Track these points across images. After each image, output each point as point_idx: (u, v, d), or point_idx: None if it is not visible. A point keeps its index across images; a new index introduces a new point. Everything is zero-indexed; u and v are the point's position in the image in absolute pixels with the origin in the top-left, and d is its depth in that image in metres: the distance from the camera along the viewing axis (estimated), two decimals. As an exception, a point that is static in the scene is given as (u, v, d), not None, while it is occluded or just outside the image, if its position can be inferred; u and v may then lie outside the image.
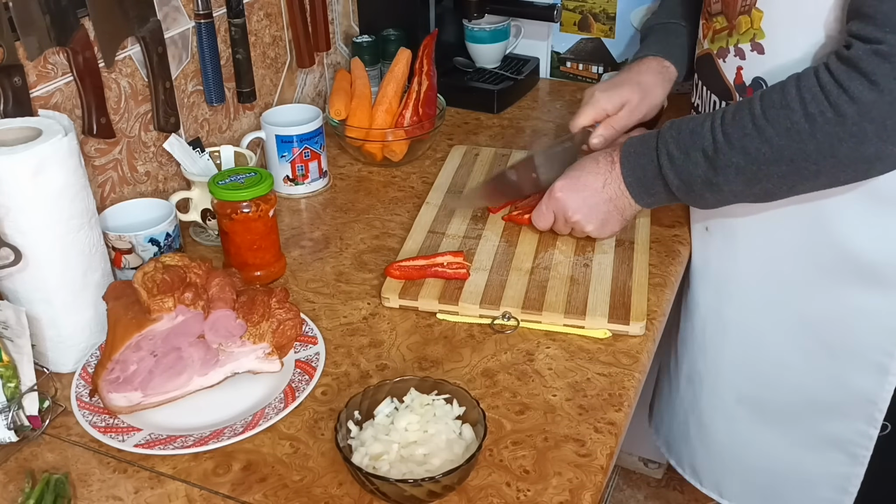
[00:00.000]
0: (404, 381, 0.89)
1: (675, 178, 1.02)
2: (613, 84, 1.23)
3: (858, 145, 0.88)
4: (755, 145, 0.93)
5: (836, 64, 0.88)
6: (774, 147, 0.92)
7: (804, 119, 0.90)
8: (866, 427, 1.10)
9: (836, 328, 1.08)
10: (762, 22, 0.99)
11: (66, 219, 0.92)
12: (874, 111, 0.86)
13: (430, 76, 1.43)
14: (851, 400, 1.09)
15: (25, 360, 0.92)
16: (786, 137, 0.91)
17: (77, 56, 1.07)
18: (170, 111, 1.24)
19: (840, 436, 1.12)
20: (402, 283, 1.10)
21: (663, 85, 1.24)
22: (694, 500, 2.01)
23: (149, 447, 0.88)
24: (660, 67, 1.23)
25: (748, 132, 0.94)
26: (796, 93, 0.90)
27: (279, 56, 1.49)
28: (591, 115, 1.21)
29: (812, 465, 1.16)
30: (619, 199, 1.10)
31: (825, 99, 0.88)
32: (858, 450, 1.11)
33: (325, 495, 0.83)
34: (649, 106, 1.23)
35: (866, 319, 1.05)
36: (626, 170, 1.07)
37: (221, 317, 0.93)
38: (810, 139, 0.90)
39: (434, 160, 1.45)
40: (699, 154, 0.98)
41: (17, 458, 0.89)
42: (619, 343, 1.02)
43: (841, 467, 1.14)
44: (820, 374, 1.11)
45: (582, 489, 0.83)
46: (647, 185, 1.06)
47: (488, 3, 1.60)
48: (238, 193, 1.08)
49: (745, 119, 0.94)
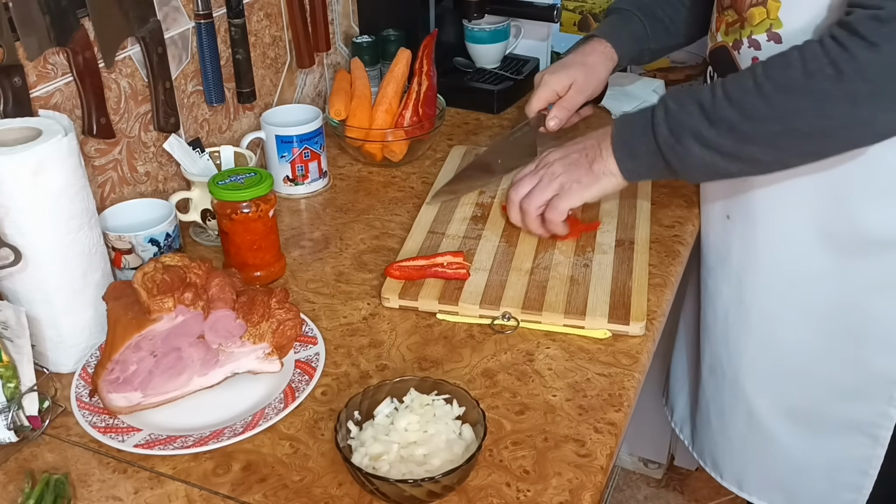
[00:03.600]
0: (404, 382, 0.89)
1: (665, 127, 1.01)
2: (560, 66, 1.30)
3: (852, 107, 0.90)
4: (751, 101, 0.95)
5: (838, 30, 0.90)
6: (770, 103, 0.94)
7: (802, 75, 0.91)
8: (887, 407, 1.11)
9: (856, 311, 1.09)
10: (779, 12, 1.01)
11: (66, 219, 0.92)
12: (871, 71, 0.88)
13: (429, 76, 1.43)
14: (872, 381, 1.11)
15: (25, 360, 0.92)
16: (782, 93, 0.93)
17: (77, 56, 1.07)
18: (170, 111, 1.24)
19: (861, 418, 1.13)
20: (402, 283, 1.10)
21: (605, 64, 1.30)
22: (694, 500, 2.01)
23: (149, 447, 0.88)
24: (603, 48, 1.30)
25: (747, 89, 0.96)
26: (798, 54, 0.93)
27: (279, 56, 1.49)
28: (544, 98, 1.29)
29: (833, 450, 1.17)
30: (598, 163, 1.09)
31: (825, 56, 0.90)
32: (879, 431, 1.13)
33: (325, 495, 0.83)
34: (595, 83, 1.30)
35: (886, 300, 1.06)
36: (616, 130, 1.08)
37: (221, 317, 0.93)
38: (806, 95, 0.91)
39: (434, 160, 1.45)
40: (695, 106, 0.99)
41: (17, 459, 0.89)
42: (619, 343, 1.02)
43: (862, 449, 1.15)
44: (841, 357, 1.12)
45: (582, 489, 0.83)
46: (634, 144, 1.06)
47: (488, 3, 1.60)
48: (238, 194, 1.08)
49: (746, 79, 0.96)
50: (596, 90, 1.31)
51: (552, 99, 1.29)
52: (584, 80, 1.28)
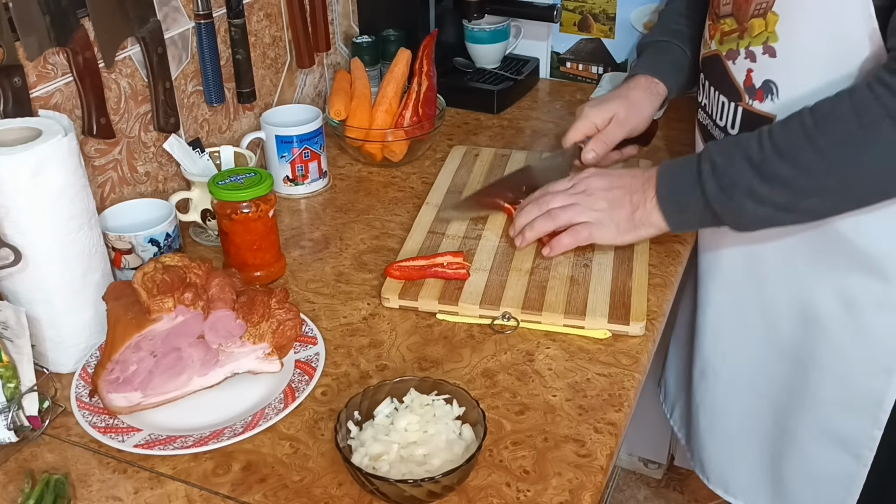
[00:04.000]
0: (404, 382, 0.89)
1: (715, 185, 0.98)
2: (602, 100, 1.27)
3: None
4: (806, 156, 0.92)
5: (887, 75, 0.88)
6: (826, 157, 0.91)
7: (859, 127, 0.89)
8: (871, 428, 1.10)
9: (845, 329, 1.08)
10: (777, 26, 0.99)
11: (66, 219, 0.92)
12: None
13: (429, 76, 1.43)
14: (858, 401, 1.09)
15: (25, 360, 0.92)
16: (839, 147, 0.90)
17: (77, 56, 1.07)
18: (170, 111, 1.24)
19: (846, 436, 1.12)
20: (402, 283, 1.10)
21: (650, 100, 1.26)
22: (694, 500, 2.01)
23: (148, 447, 0.88)
24: (648, 84, 1.27)
25: (798, 143, 0.92)
26: (850, 104, 0.90)
27: (279, 56, 1.49)
28: (582, 130, 1.25)
29: (818, 464, 1.17)
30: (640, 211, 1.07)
31: (880, 106, 0.87)
32: (863, 450, 1.11)
33: (325, 496, 0.83)
34: (637, 119, 1.26)
35: (875, 321, 1.05)
36: (661, 182, 1.05)
37: (221, 317, 0.93)
38: (867, 148, 0.89)
39: (434, 160, 1.45)
40: (745, 162, 0.96)
41: (17, 459, 0.89)
42: (619, 343, 1.02)
43: (845, 466, 1.14)
44: (828, 374, 1.11)
45: (582, 489, 0.83)
46: (681, 198, 1.03)
47: (488, 3, 1.60)
48: (238, 194, 1.08)
49: (794, 130, 0.93)
50: (638, 127, 1.26)
51: (591, 132, 1.25)
52: (625, 114, 1.24)
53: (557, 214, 1.11)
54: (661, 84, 1.27)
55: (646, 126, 1.28)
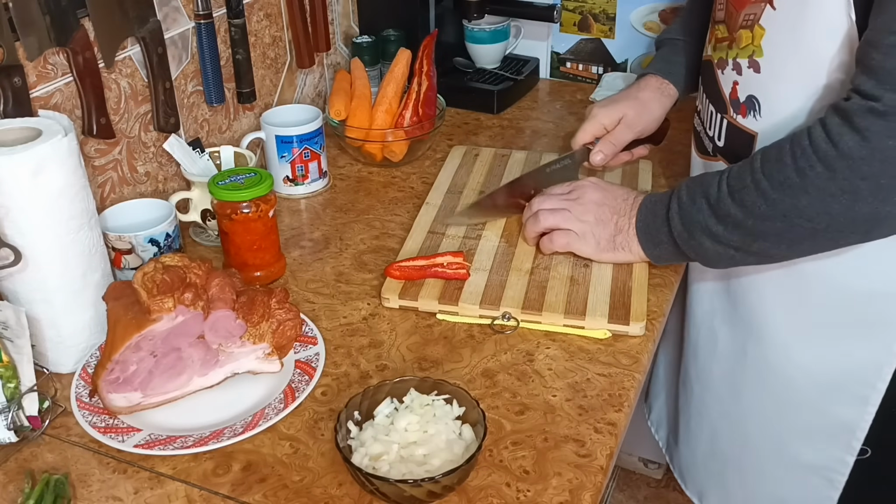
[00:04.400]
0: (404, 382, 0.89)
1: (679, 223, 1.01)
2: (612, 100, 1.26)
3: (852, 203, 0.86)
4: (751, 198, 0.92)
5: (832, 116, 0.87)
6: (769, 201, 0.91)
7: (795, 173, 0.88)
8: (843, 454, 1.08)
9: (818, 358, 1.06)
10: (762, 40, 0.98)
11: (66, 219, 0.92)
12: (865, 168, 0.84)
13: (429, 76, 1.43)
14: (831, 428, 1.08)
15: (25, 360, 0.92)
16: (779, 191, 0.90)
17: (77, 56, 1.07)
18: (170, 111, 1.24)
19: (817, 461, 1.11)
20: (402, 283, 1.10)
21: (661, 101, 1.26)
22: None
23: (148, 447, 0.88)
24: (658, 84, 1.26)
25: (746, 185, 0.93)
26: (789, 147, 0.90)
27: (279, 56, 1.49)
28: (591, 131, 1.24)
29: (789, 487, 1.15)
30: (621, 236, 1.09)
31: (814, 153, 0.87)
32: (835, 475, 1.10)
33: (325, 496, 0.83)
34: (647, 121, 1.25)
35: (849, 351, 1.03)
36: (640, 216, 1.07)
37: (221, 317, 0.93)
38: (802, 194, 0.88)
39: (434, 160, 1.45)
40: (703, 201, 0.98)
41: (17, 459, 0.89)
42: (619, 343, 1.02)
43: (817, 491, 1.12)
44: (803, 401, 1.09)
45: (582, 489, 0.83)
46: (654, 234, 1.06)
47: (488, 3, 1.60)
48: (238, 194, 1.08)
49: (745, 172, 0.94)
50: (648, 128, 1.26)
51: (599, 133, 1.24)
52: (634, 115, 1.23)
53: (545, 217, 1.13)
54: (672, 86, 1.26)
55: (656, 127, 1.28)
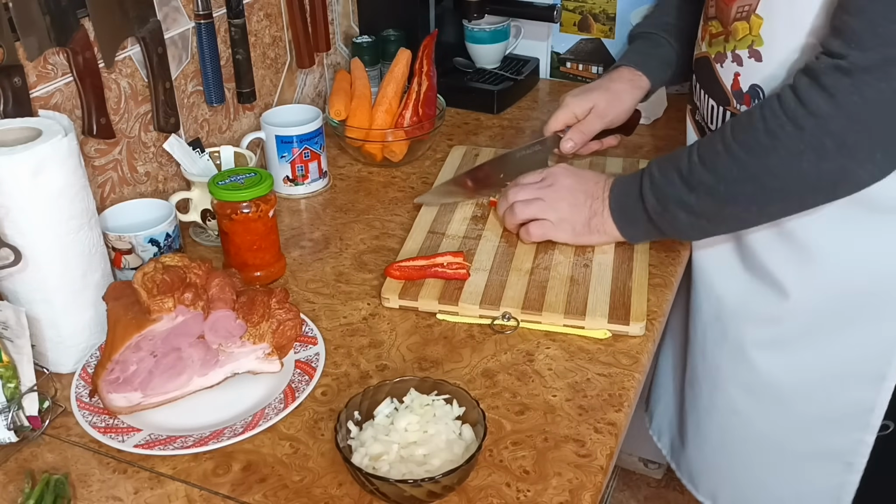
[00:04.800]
0: (404, 382, 0.89)
1: (652, 197, 1.03)
2: (584, 90, 1.29)
3: (819, 161, 0.88)
4: (723, 163, 0.95)
5: (801, 78, 0.90)
6: (740, 164, 0.94)
7: (765, 135, 0.91)
8: (863, 435, 1.09)
9: (831, 341, 1.07)
10: (761, 29, 0.99)
11: (66, 219, 0.92)
12: (832, 124, 0.86)
13: (429, 76, 1.43)
14: (848, 410, 1.09)
15: (25, 360, 0.92)
16: (750, 154, 0.93)
17: (77, 56, 1.07)
18: (170, 111, 1.24)
19: (837, 446, 1.11)
20: (402, 283, 1.10)
21: (632, 92, 1.28)
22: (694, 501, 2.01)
23: (148, 447, 0.88)
24: (631, 76, 1.28)
25: (718, 151, 0.96)
26: (759, 112, 0.93)
27: (279, 56, 1.49)
28: (562, 119, 1.27)
29: (807, 477, 1.15)
30: (596, 219, 1.11)
31: (783, 114, 0.90)
32: (855, 458, 1.11)
33: (325, 496, 0.83)
34: (617, 111, 1.27)
35: (862, 331, 1.04)
36: (612, 196, 1.10)
37: (221, 317, 0.93)
38: (772, 153, 0.91)
39: (434, 160, 1.45)
40: (675, 173, 1.00)
41: (17, 459, 0.89)
42: (619, 343, 1.02)
43: (836, 476, 1.13)
44: (815, 386, 1.10)
45: (582, 489, 0.83)
46: (629, 212, 1.08)
47: (488, 3, 1.60)
48: (238, 194, 1.08)
49: (716, 141, 0.97)
50: (618, 118, 1.28)
51: (570, 121, 1.27)
52: (605, 105, 1.26)
53: (520, 210, 1.15)
54: (645, 77, 1.28)
55: (626, 118, 1.30)
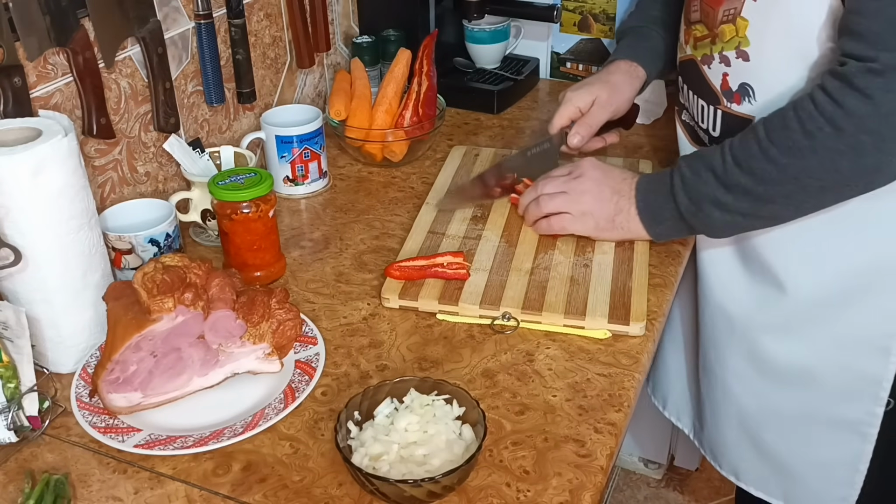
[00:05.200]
0: (404, 382, 0.89)
1: (685, 197, 1.04)
2: (584, 83, 1.30)
3: (858, 158, 0.92)
4: (760, 165, 0.97)
5: (831, 81, 0.92)
6: (779, 166, 0.96)
7: (803, 136, 0.94)
8: (873, 406, 1.12)
9: (837, 317, 1.10)
10: (747, 30, 1.02)
11: (66, 219, 0.92)
12: (869, 123, 0.90)
13: (429, 77, 1.43)
14: (858, 383, 1.12)
15: (25, 360, 0.92)
16: (789, 156, 0.95)
17: (77, 56, 1.07)
18: (170, 111, 1.24)
19: (850, 418, 1.15)
20: (402, 283, 1.10)
21: (631, 82, 1.29)
22: (694, 500, 2.01)
23: (148, 448, 0.88)
24: (628, 68, 1.30)
25: (753, 154, 0.98)
26: (793, 114, 0.95)
27: (279, 56, 1.49)
28: (567, 115, 1.28)
29: (823, 449, 1.19)
30: (621, 216, 1.12)
31: (820, 115, 0.92)
32: (867, 428, 1.14)
33: (325, 496, 0.83)
34: (619, 101, 1.29)
35: (868, 305, 1.08)
36: (638, 195, 1.10)
37: (221, 317, 0.93)
38: (812, 155, 0.94)
39: (434, 160, 1.45)
40: (709, 173, 1.02)
41: (17, 459, 0.89)
42: (619, 343, 1.02)
43: (851, 446, 1.16)
44: (827, 362, 1.13)
45: (582, 489, 0.83)
46: (657, 211, 1.09)
47: (488, 3, 1.60)
48: (238, 194, 1.08)
49: (750, 143, 0.99)
50: (620, 108, 1.30)
51: (575, 116, 1.28)
52: (607, 96, 1.27)
53: (545, 202, 1.16)
54: (641, 68, 1.30)
55: (627, 108, 1.31)
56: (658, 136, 1.50)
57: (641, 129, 1.50)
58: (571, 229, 1.15)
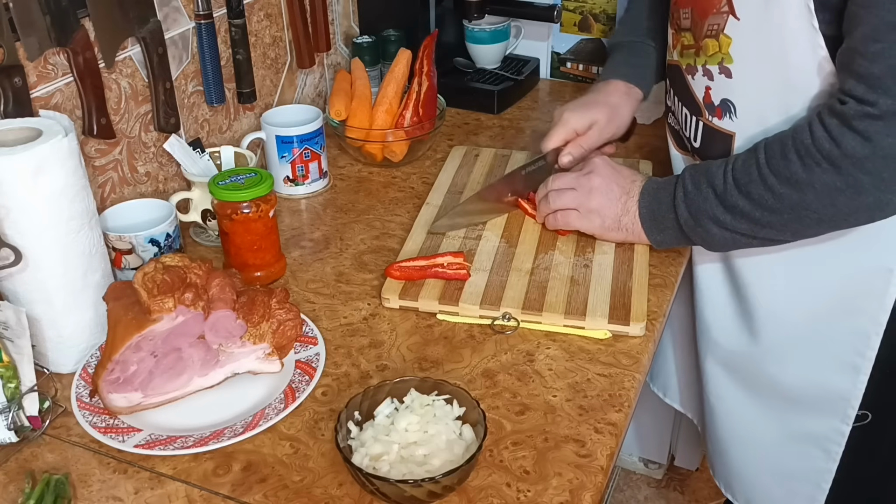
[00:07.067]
0: (404, 382, 0.89)
1: (685, 210, 1.04)
2: (582, 104, 1.27)
3: (856, 195, 0.91)
4: (759, 192, 0.97)
5: (830, 119, 0.91)
6: (776, 195, 0.96)
7: (801, 169, 0.93)
8: (840, 423, 1.13)
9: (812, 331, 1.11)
10: (730, 48, 1.02)
11: (66, 219, 0.92)
12: (868, 164, 0.89)
13: (430, 77, 1.43)
14: (827, 397, 1.13)
15: (25, 360, 0.92)
16: (786, 186, 0.95)
17: (77, 56, 1.07)
18: (170, 112, 1.24)
19: (816, 432, 1.15)
20: (403, 283, 1.10)
21: (629, 104, 1.28)
22: (694, 500, 2.01)
23: (149, 448, 0.88)
24: (626, 89, 1.28)
25: (753, 179, 0.97)
26: (792, 144, 0.94)
27: (279, 56, 1.49)
28: (562, 136, 1.25)
29: (792, 461, 1.20)
30: (627, 217, 1.12)
31: (818, 152, 0.92)
32: (832, 446, 1.15)
33: (326, 496, 0.83)
34: (617, 125, 1.27)
35: (841, 325, 1.08)
36: (643, 202, 1.10)
37: (222, 317, 0.93)
38: (809, 189, 0.93)
39: (434, 161, 1.45)
40: (710, 190, 1.01)
41: (18, 459, 0.89)
42: (619, 344, 1.02)
43: (815, 462, 1.17)
44: (798, 374, 1.14)
45: (582, 490, 0.83)
46: (659, 219, 1.09)
47: (488, 3, 1.60)
48: (238, 194, 1.08)
49: (751, 166, 0.98)
50: (618, 132, 1.29)
51: (570, 138, 1.25)
52: (606, 121, 1.25)
53: (553, 198, 1.16)
54: (638, 90, 1.29)
55: (625, 130, 1.30)
56: (658, 136, 1.49)
57: (641, 129, 1.49)
58: (577, 226, 1.15)
